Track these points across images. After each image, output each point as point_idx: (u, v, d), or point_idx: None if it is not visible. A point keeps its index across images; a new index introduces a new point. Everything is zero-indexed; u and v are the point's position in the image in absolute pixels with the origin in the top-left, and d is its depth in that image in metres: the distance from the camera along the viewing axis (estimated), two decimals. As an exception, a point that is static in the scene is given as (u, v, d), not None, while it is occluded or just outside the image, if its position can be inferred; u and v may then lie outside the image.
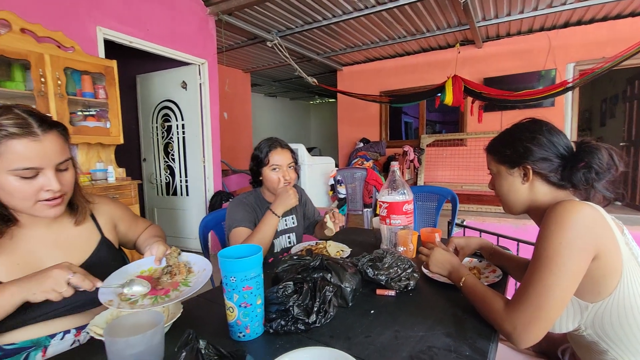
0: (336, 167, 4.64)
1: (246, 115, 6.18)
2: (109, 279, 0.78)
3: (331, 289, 0.79)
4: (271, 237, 1.28)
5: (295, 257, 0.95)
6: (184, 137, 3.80)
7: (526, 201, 0.84)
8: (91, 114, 2.57)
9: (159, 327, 0.56)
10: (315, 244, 1.33)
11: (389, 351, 0.67)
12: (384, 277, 0.93)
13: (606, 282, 0.70)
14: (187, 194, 3.87)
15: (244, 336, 0.72)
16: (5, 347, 0.74)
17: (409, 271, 0.95)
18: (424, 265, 1.01)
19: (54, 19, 2.33)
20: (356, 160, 4.90)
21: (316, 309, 0.74)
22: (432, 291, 0.96)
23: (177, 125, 3.82)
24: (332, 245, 1.30)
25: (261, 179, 1.40)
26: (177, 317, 0.73)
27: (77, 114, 2.50)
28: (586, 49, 4.12)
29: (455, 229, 2.20)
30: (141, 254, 0.97)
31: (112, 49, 2.82)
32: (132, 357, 0.53)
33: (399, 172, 1.26)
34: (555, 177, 0.79)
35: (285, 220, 1.47)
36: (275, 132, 7.84)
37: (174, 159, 3.91)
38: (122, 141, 2.64)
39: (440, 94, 3.93)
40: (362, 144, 5.52)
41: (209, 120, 3.67)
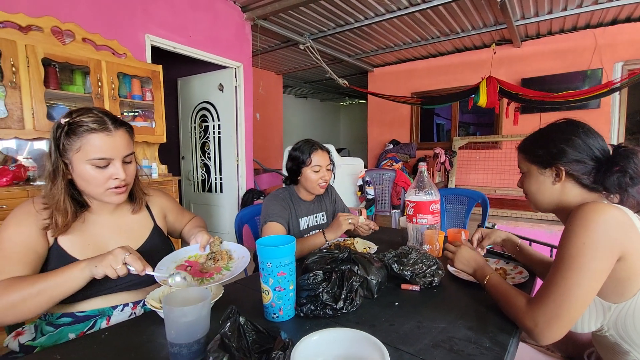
0: (365, 168, 4.66)
1: (278, 116, 6.36)
2: (164, 261, 0.91)
3: (358, 280, 0.85)
4: (309, 251, 1.32)
5: (324, 250, 1.02)
6: (219, 137, 4.00)
7: (555, 201, 0.84)
8: (139, 114, 2.80)
9: (207, 301, 0.64)
10: (343, 240, 1.39)
11: (411, 339, 0.71)
12: (409, 273, 0.97)
13: (630, 284, 0.70)
14: (222, 191, 4.07)
15: (277, 317, 0.79)
16: (77, 314, 0.88)
17: (434, 268, 0.98)
18: (449, 262, 1.03)
19: (110, 29, 2.56)
20: (385, 161, 4.89)
21: (343, 297, 0.80)
22: (456, 288, 0.99)
23: (213, 125, 4.03)
24: (360, 242, 1.36)
25: (299, 178, 1.47)
26: (218, 297, 0.82)
27: (127, 114, 2.74)
28: (636, 47, 3.86)
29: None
30: (187, 242, 1.08)
31: (157, 54, 3.04)
32: (185, 324, 0.62)
33: (426, 172, 1.29)
34: (587, 179, 0.78)
35: (315, 217, 1.54)
36: (305, 133, 8.01)
37: (209, 158, 4.13)
38: (165, 140, 2.85)
39: (473, 95, 3.84)
40: (391, 146, 5.49)
41: (243, 121, 3.84)
